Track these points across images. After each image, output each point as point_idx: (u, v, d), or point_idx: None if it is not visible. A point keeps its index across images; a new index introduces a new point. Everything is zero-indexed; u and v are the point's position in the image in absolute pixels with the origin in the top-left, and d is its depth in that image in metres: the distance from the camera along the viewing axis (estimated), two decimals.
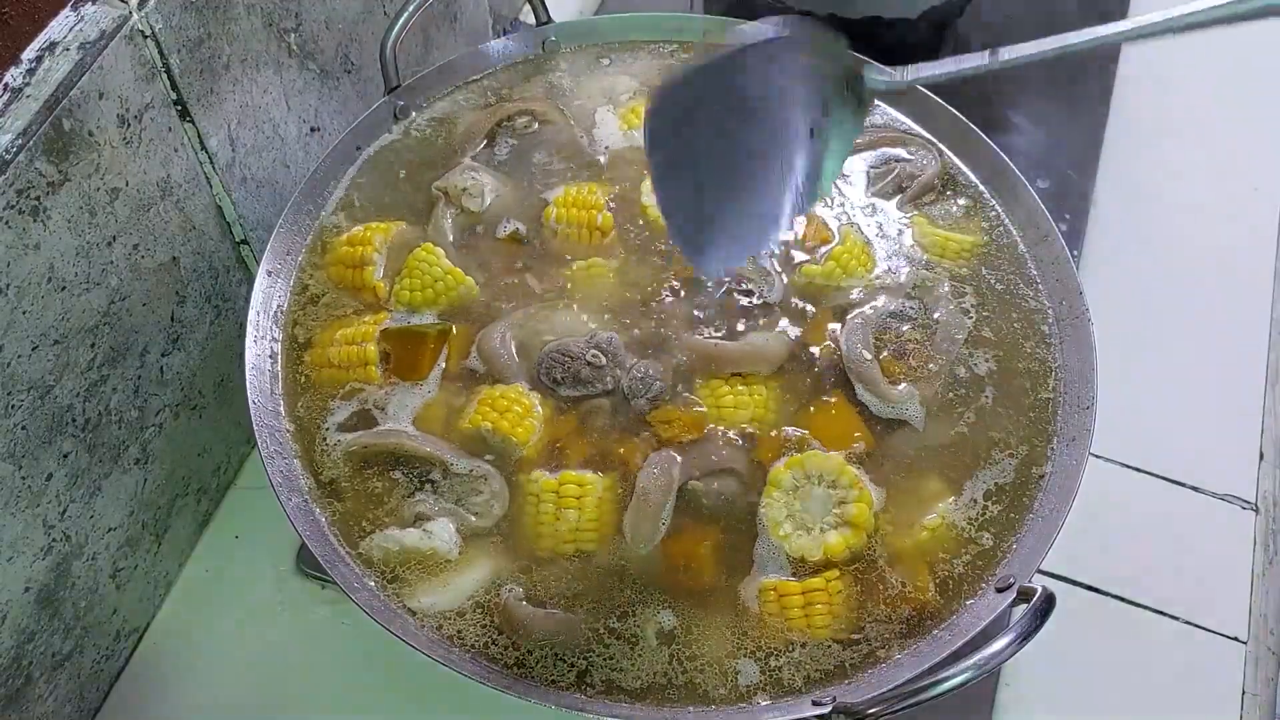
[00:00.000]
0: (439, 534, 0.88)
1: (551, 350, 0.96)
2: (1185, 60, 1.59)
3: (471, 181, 1.05)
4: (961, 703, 0.82)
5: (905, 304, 1.02)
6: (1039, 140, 1.46)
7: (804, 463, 0.91)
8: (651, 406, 0.94)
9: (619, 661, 0.85)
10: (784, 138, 0.78)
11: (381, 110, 1.09)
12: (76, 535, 0.94)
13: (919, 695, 0.74)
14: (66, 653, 0.98)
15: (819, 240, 1.05)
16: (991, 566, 0.89)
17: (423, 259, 1.00)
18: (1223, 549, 1.18)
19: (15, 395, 0.83)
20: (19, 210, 0.78)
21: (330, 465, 0.92)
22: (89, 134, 0.83)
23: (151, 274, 0.95)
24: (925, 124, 1.13)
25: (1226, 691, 1.09)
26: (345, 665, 1.07)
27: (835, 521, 0.89)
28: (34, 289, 0.82)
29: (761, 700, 0.83)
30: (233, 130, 1.00)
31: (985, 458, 0.94)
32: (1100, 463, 1.21)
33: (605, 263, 1.02)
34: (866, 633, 0.86)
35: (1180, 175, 1.47)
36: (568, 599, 0.87)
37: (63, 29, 0.82)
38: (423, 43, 1.30)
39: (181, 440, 1.06)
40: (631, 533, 0.89)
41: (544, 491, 0.90)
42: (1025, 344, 1.00)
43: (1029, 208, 1.06)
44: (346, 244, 1.02)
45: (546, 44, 1.18)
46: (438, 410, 0.95)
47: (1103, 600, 1.14)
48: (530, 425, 0.92)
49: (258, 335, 0.96)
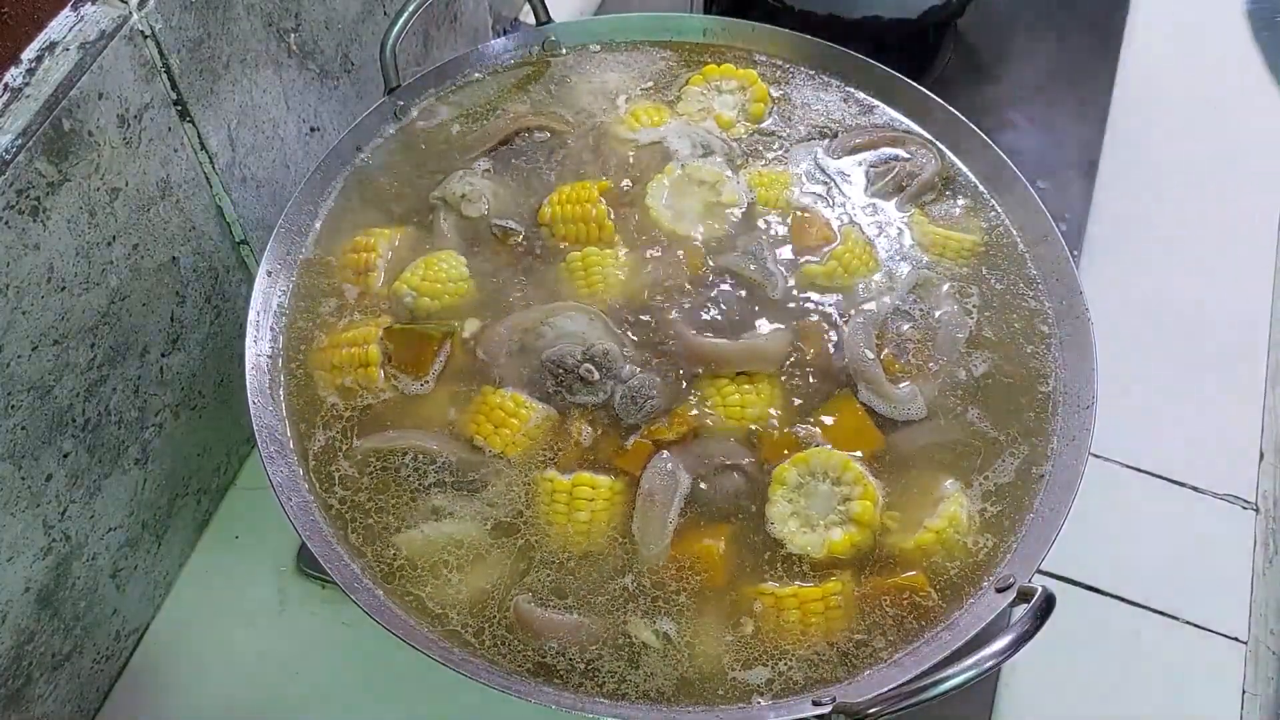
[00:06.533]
0: (461, 528, 0.89)
1: (548, 360, 0.96)
2: (1185, 60, 1.60)
3: (470, 188, 1.06)
4: (961, 703, 0.82)
5: (907, 303, 1.02)
6: (1039, 140, 1.46)
7: (809, 460, 0.91)
8: (646, 422, 0.94)
9: (623, 662, 0.85)
10: None
11: (381, 110, 1.09)
12: (76, 535, 0.94)
13: (919, 695, 0.74)
14: (66, 653, 0.98)
15: (820, 240, 1.05)
16: (991, 566, 0.89)
17: (444, 258, 1.01)
18: (1223, 549, 1.18)
19: (15, 395, 0.83)
20: (19, 210, 0.78)
21: (331, 465, 0.92)
22: (89, 134, 0.83)
23: (151, 274, 0.95)
24: (925, 123, 1.14)
25: (1226, 691, 1.09)
26: (345, 665, 1.07)
27: (840, 519, 0.89)
28: (34, 289, 0.82)
29: (762, 700, 0.83)
30: (233, 130, 1.00)
31: (986, 457, 0.94)
32: (1100, 463, 1.21)
33: (601, 252, 1.02)
34: (867, 632, 0.86)
35: (1180, 175, 1.47)
36: (574, 600, 0.87)
37: (63, 29, 0.82)
38: (423, 43, 1.30)
39: (181, 440, 1.06)
40: (640, 534, 0.89)
41: (557, 492, 0.90)
42: (1025, 344, 1.00)
43: (1029, 208, 1.06)
44: (350, 248, 1.02)
45: (546, 44, 1.19)
46: (440, 410, 0.95)
47: (1103, 600, 1.14)
48: (523, 441, 0.92)
49: (258, 335, 0.96)
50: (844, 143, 1.13)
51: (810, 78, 1.18)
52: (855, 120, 1.15)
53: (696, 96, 1.16)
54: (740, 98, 1.16)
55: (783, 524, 0.90)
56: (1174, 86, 1.56)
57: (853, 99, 1.16)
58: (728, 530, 0.90)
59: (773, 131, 1.14)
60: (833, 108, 1.16)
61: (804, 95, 1.17)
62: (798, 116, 1.15)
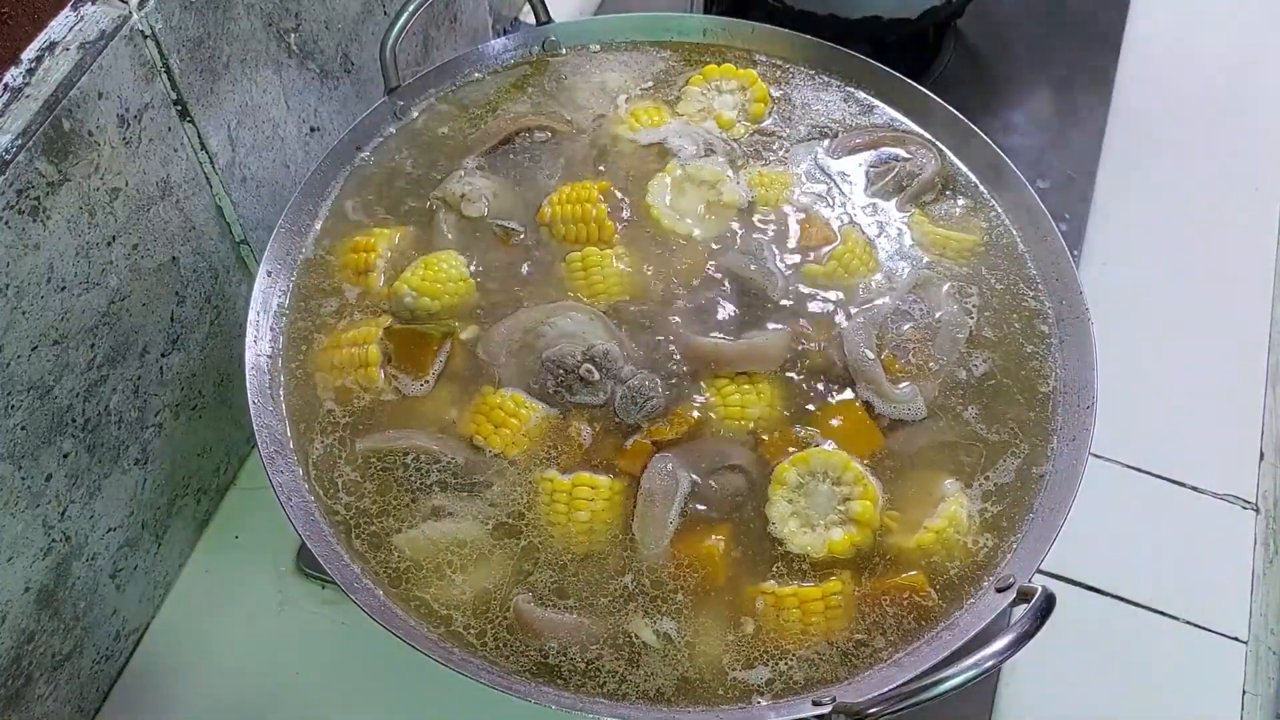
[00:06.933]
0: (462, 528, 0.89)
1: (548, 360, 0.95)
2: (1186, 60, 1.60)
3: (469, 188, 1.06)
4: (961, 703, 0.82)
5: (907, 303, 1.02)
6: (1039, 140, 1.46)
7: (809, 459, 0.91)
8: (646, 422, 0.94)
9: (623, 662, 0.85)
10: None
11: (381, 110, 1.09)
12: (76, 535, 0.94)
13: (919, 695, 0.74)
14: (66, 653, 0.98)
15: (821, 240, 1.05)
16: (991, 566, 0.89)
17: (444, 258, 1.01)
18: (1223, 549, 1.18)
19: (15, 395, 0.83)
20: (19, 210, 0.78)
21: (331, 466, 0.92)
22: (89, 134, 0.83)
23: (151, 274, 0.95)
24: (925, 123, 1.14)
25: (1226, 691, 1.09)
26: (345, 665, 1.07)
27: (840, 519, 0.89)
28: (34, 289, 0.82)
29: (762, 700, 0.83)
30: (233, 130, 1.00)
31: (986, 457, 0.94)
32: (1100, 463, 1.21)
33: (601, 252, 1.02)
34: (867, 632, 0.86)
35: (1180, 175, 1.47)
36: (575, 600, 0.87)
37: (63, 29, 0.82)
38: (423, 43, 1.30)
39: (181, 440, 1.06)
40: (640, 534, 0.89)
41: (557, 492, 0.90)
42: (1025, 344, 1.00)
43: (1029, 208, 1.06)
44: (351, 249, 1.02)
45: (546, 44, 1.18)
46: (440, 410, 0.95)
47: (1103, 600, 1.14)
48: (523, 441, 0.92)
49: (258, 335, 0.95)
50: (844, 143, 1.13)
51: (810, 78, 1.18)
52: (855, 120, 1.15)
53: (696, 96, 1.16)
54: (740, 98, 1.16)
55: (783, 524, 0.90)
56: (1174, 86, 1.56)
57: (853, 99, 1.16)
58: (728, 530, 0.90)
59: (773, 131, 1.14)
60: (833, 108, 1.16)
61: (804, 95, 1.17)
62: (798, 116, 1.15)
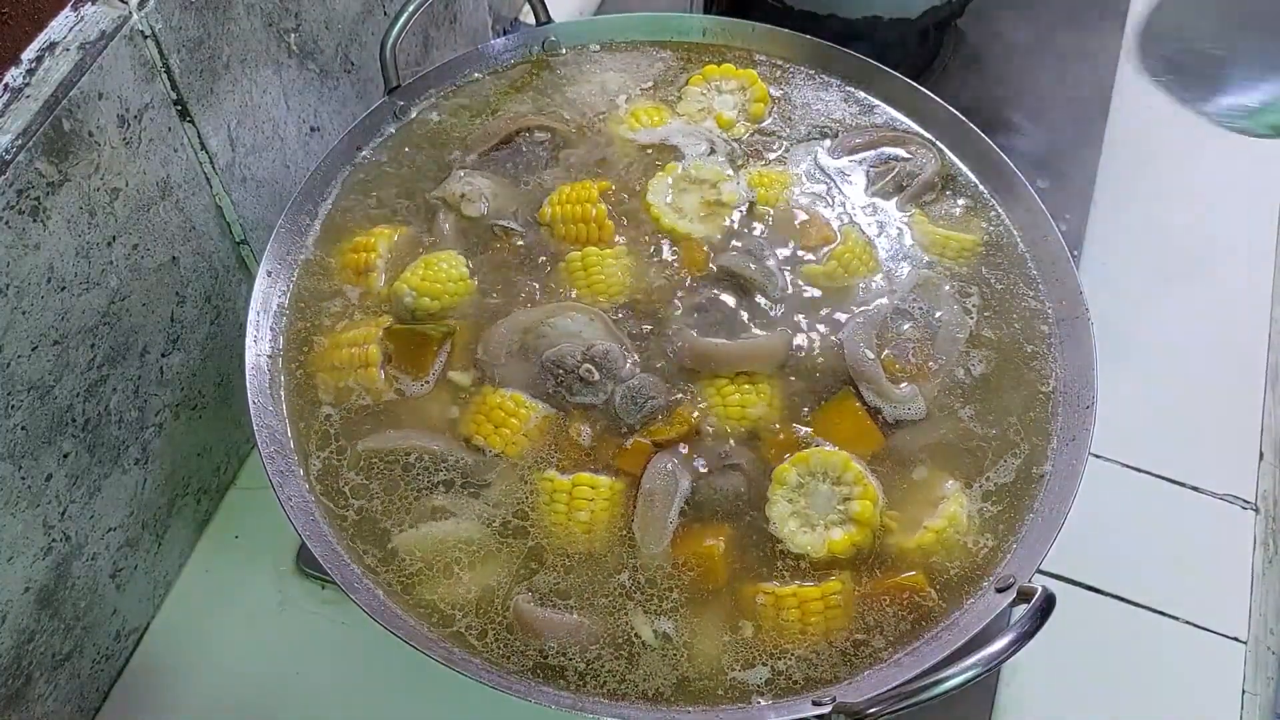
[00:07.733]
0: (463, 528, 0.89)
1: (548, 360, 0.96)
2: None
3: (469, 188, 1.06)
4: (961, 703, 0.82)
5: (907, 303, 1.02)
6: (1039, 140, 1.46)
7: (809, 459, 0.91)
8: (644, 423, 0.94)
9: (622, 662, 0.85)
10: None
11: (381, 110, 1.09)
12: (76, 535, 0.94)
13: (919, 695, 0.74)
14: (66, 653, 0.98)
15: (821, 239, 1.05)
16: (991, 566, 0.89)
17: (444, 258, 1.01)
18: (1223, 549, 1.18)
19: (15, 395, 0.83)
20: (19, 210, 0.78)
21: (331, 466, 0.92)
22: (89, 134, 0.83)
23: (151, 274, 0.95)
24: (925, 123, 1.14)
25: (1226, 691, 1.09)
26: (345, 665, 1.07)
27: (840, 518, 0.89)
28: (34, 289, 0.82)
29: (761, 700, 0.83)
30: (233, 130, 1.00)
31: (986, 457, 0.94)
32: (1100, 463, 1.21)
33: (601, 252, 1.02)
34: (867, 632, 0.86)
35: (1180, 175, 1.47)
36: (575, 600, 0.87)
37: (63, 29, 0.82)
38: (423, 43, 1.30)
39: (181, 440, 1.06)
40: (640, 534, 0.89)
41: (557, 492, 0.90)
42: (1025, 344, 1.00)
43: (1029, 208, 1.06)
44: (351, 249, 1.02)
45: (546, 44, 1.19)
46: (440, 410, 0.95)
47: (1103, 600, 1.14)
48: (523, 441, 0.92)
49: (258, 335, 0.96)
50: (844, 143, 1.13)
51: (810, 78, 1.18)
52: (855, 120, 1.15)
53: (696, 96, 1.16)
54: (740, 98, 1.16)
55: (783, 524, 0.90)
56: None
57: (853, 99, 1.16)
58: (728, 530, 0.90)
59: (773, 131, 1.14)
60: (833, 108, 1.16)
61: (804, 95, 1.17)
62: (798, 116, 1.15)
